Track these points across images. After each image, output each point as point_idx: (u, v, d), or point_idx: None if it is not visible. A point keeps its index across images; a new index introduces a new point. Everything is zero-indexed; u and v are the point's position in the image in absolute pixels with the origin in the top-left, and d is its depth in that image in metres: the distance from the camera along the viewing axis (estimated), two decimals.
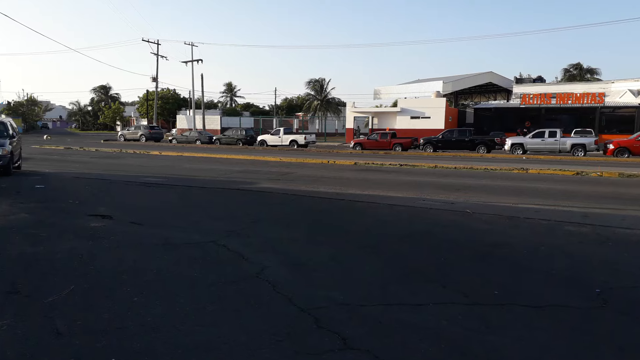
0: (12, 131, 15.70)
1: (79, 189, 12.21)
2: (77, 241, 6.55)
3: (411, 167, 21.09)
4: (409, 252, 6.25)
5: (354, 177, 17.18)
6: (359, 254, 6.09)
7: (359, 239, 6.98)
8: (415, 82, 61.65)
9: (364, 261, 5.74)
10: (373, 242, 6.78)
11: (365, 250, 6.26)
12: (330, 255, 5.89)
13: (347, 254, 6.04)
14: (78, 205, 9.76)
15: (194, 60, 52.96)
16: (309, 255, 5.92)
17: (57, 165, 19.73)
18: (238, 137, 41.40)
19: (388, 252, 6.24)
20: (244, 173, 18.00)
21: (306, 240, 6.81)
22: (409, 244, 6.78)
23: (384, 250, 6.30)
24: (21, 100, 76.68)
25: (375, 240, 6.91)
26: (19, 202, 9.95)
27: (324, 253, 6.06)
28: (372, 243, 6.70)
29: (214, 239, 6.74)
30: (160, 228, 7.62)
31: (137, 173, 17.38)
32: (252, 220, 8.34)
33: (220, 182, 14.73)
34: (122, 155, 26.38)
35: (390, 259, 5.84)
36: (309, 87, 64.64)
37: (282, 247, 6.35)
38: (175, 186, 13.27)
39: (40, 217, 8.34)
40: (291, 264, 5.50)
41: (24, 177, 14.73)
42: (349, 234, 7.30)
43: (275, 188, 13.22)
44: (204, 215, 8.89)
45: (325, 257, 5.82)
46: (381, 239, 6.96)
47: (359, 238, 7.03)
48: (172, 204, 10.19)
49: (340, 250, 6.25)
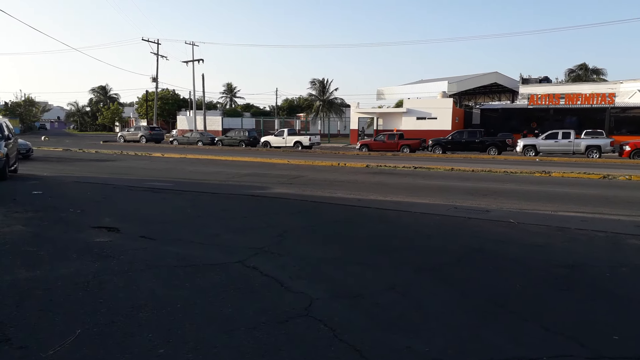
0: (7, 132, 14.71)
1: (80, 195, 11.23)
2: (81, 262, 5.58)
3: (426, 170, 20.17)
4: (475, 277, 5.28)
5: (369, 180, 16.26)
6: (419, 280, 5.12)
7: (409, 258, 6.02)
8: (418, 83, 60.80)
9: (430, 290, 4.78)
10: (427, 262, 5.82)
11: (424, 274, 5.30)
12: (386, 283, 4.92)
13: (405, 281, 5.08)
14: (80, 215, 8.78)
15: (194, 60, 51.98)
16: (361, 282, 4.95)
17: (55, 168, 18.75)
18: (241, 139, 40.40)
19: (451, 277, 5.28)
20: (253, 176, 17.06)
21: (349, 261, 5.84)
22: (469, 265, 5.82)
23: (445, 275, 5.34)
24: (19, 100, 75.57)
25: (429, 260, 5.94)
26: (15, 211, 8.97)
27: (377, 279, 5.10)
28: (426, 264, 5.74)
29: (241, 259, 5.78)
30: (176, 244, 6.65)
31: (140, 177, 16.41)
32: (277, 233, 7.37)
33: (231, 187, 13.78)
34: (123, 157, 25.39)
35: (458, 287, 4.88)
36: (311, 87, 63.60)
37: (324, 271, 5.38)
38: (183, 192, 12.29)
39: (37, 230, 7.37)
40: (343, 296, 4.52)
41: (20, 181, 13.74)
42: (394, 253, 6.34)
43: (291, 194, 12.28)
44: (222, 227, 7.92)
45: (381, 285, 4.85)
46: (435, 259, 6.00)
47: (408, 257, 6.07)
48: (183, 213, 9.22)
49: (395, 274, 5.28)
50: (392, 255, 6.19)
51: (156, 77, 53.74)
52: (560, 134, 30.01)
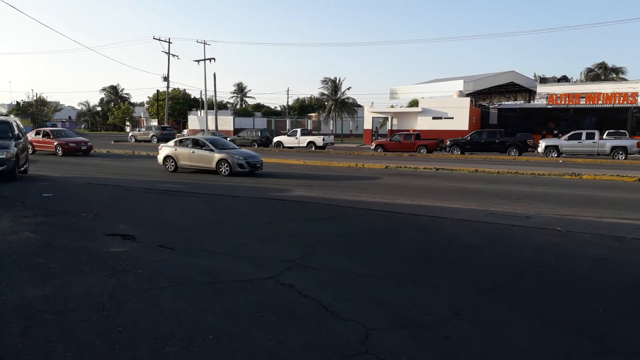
0: (17, 132, 14.19)
1: (92, 198, 10.64)
2: (96, 277, 4.95)
3: (449, 172, 19.41)
4: (548, 300, 4.56)
5: (391, 182, 15.55)
6: (485, 303, 4.42)
7: (465, 275, 5.31)
8: (432, 82, 59.86)
9: (504, 318, 4.06)
10: (487, 280, 5.10)
11: (489, 296, 4.60)
12: (449, 308, 4.22)
13: (470, 304, 4.37)
14: (93, 220, 8.18)
15: (206, 59, 51.48)
16: (419, 306, 4.26)
17: (66, 168, 18.24)
18: (253, 139, 39.78)
19: (521, 299, 4.56)
20: (270, 177, 16.41)
21: (397, 279, 5.15)
22: (535, 284, 5.10)
23: (513, 297, 4.62)
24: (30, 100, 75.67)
25: (488, 277, 5.23)
26: (24, 215, 8.39)
27: (437, 302, 4.40)
28: (487, 283, 5.02)
29: (273, 274, 5.11)
30: (199, 255, 6.00)
31: (153, 178, 15.83)
32: (308, 243, 6.70)
33: (249, 189, 13.14)
34: (134, 158, 24.88)
35: (535, 314, 4.17)
36: (323, 87, 62.87)
37: (372, 290, 4.69)
38: (200, 194, 11.67)
39: (47, 238, 6.76)
40: (404, 325, 3.83)
41: (30, 183, 13.21)
42: (445, 267, 5.63)
43: (313, 197, 11.62)
44: (246, 235, 7.26)
45: (444, 310, 4.16)
46: (494, 276, 5.28)
47: (463, 274, 5.36)
48: (203, 218, 8.58)
49: (455, 296, 4.58)
50: (443, 270, 5.49)
51: (167, 76, 53.36)
52: (584, 135, 29.01)
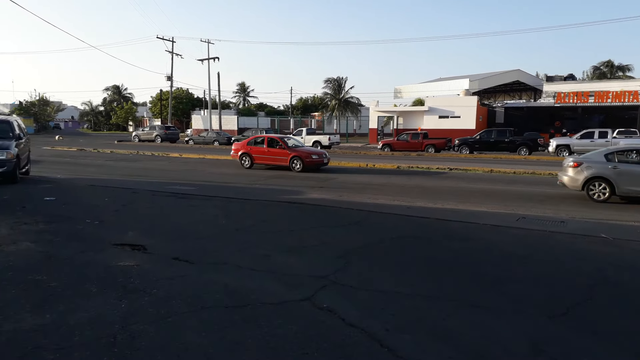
0: (18, 131, 13.54)
1: (98, 202, 9.99)
2: (104, 300, 4.29)
3: (463, 172, 18.75)
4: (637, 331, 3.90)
5: (407, 183, 14.89)
6: (568, 335, 3.72)
7: (525, 295, 4.63)
8: (437, 81, 59.13)
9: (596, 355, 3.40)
10: (553, 302, 4.43)
11: (568, 324, 3.92)
12: (526, 340, 3.54)
13: (551, 338, 3.67)
14: (98, 228, 7.53)
15: (210, 58, 50.84)
16: (492, 339, 3.58)
17: (69, 169, 17.61)
18: None
19: (605, 328, 3.89)
20: (279, 179, 15.78)
21: (451, 300, 4.47)
22: (611, 307, 4.42)
23: (594, 324, 3.95)
24: (33, 100, 75.09)
25: (553, 298, 4.55)
26: (24, 222, 7.74)
27: (509, 332, 3.72)
28: (555, 305, 4.34)
29: (308, 294, 4.46)
30: (220, 270, 5.34)
31: (160, 179, 15.19)
32: (337, 254, 6.04)
33: (261, 192, 12.50)
34: (139, 158, 24.24)
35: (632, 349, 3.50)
36: (326, 86, 62.22)
37: (427, 317, 4.02)
38: (211, 197, 11.01)
39: (49, 249, 6.11)
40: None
41: (32, 185, 12.56)
42: (497, 285, 4.96)
43: (329, 200, 10.97)
44: (268, 244, 6.60)
45: (522, 344, 3.48)
46: (559, 296, 4.61)
47: (522, 293, 4.68)
48: (218, 225, 7.92)
49: (527, 323, 3.90)
50: (498, 288, 4.83)
51: (171, 75, 52.74)
52: (597, 133, 28.32)
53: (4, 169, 12.02)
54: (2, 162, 11.99)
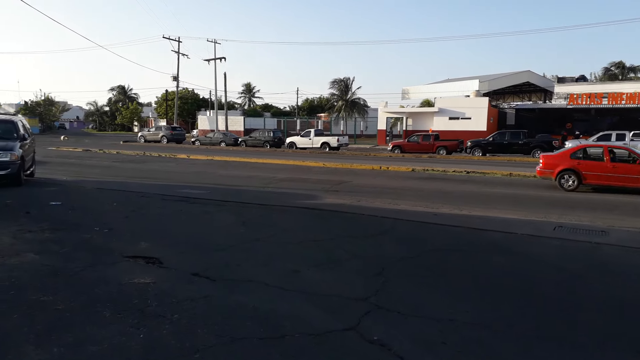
0: (23, 132, 13.03)
1: (106, 207, 9.44)
2: (118, 327, 3.72)
3: (481, 175, 18.13)
4: None
5: (424, 187, 14.31)
6: None
7: (604, 325, 4.02)
8: (445, 82, 58.45)
9: None
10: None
11: None
12: None
13: None
14: (108, 237, 6.97)
15: (216, 59, 50.34)
16: None
17: (75, 171, 17.10)
18: (265, 139, 38.58)
19: None
20: (291, 182, 15.21)
21: (519, 332, 3.87)
22: None
23: None
24: (38, 100, 74.87)
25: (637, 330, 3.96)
26: (28, 229, 7.20)
27: None
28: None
29: (352, 322, 3.87)
30: (244, 288, 4.77)
31: (169, 182, 14.65)
32: (373, 270, 5.45)
33: (275, 196, 11.93)
34: (146, 159, 23.72)
35: None
36: (333, 87, 61.62)
37: (500, 355, 3.43)
38: (225, 202, 10.45)
39: (55, 262, 5.55)
40: None
41: (36, 188, 12.03)
42: (565, 312, 4.36)
43: (350, 206, 10.38)
44: (294, 257, 6.02)
45: None
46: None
47: (599, 322, 4.08)
48: (237, 234, 7.35)
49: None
50: (569, 316, 4.22)
51: (177, 75, 52.29)
52: (614, 136, 27.69)
53: (7, 171, 11.50)
54: (6, 164, 11.47)
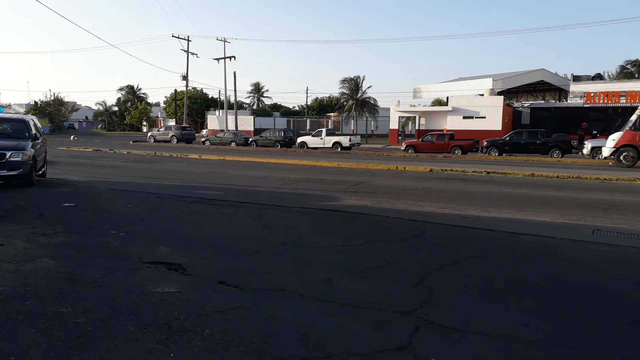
0: (35, 131, 12.76)
1: (120, 209, 9.11)
2: (145, 344, 3.35)
3: (502, 176, 17.63)
4: None
5: (446, 188, 13.86)
6: None
7: None
8: (458, 80, 57.82)
9: None
10: None
11: None
12: None
13: None
14: (125, 240, 6.62)
15: (226, 57, 50.11)
16: None
17: (86, 171, 16.84)
18: (276, 139, 38.27)
19: None
20: (307, 182, 14.82)
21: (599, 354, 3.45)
22: None
23: None
24: (48, 100, 75.12)
25: None
26: (42, 232, 6.86)
27: None
28: None
29: (403, 341, 3.47)
30: (277, 299, 4.38)
31: (183, 182, 14.33)
32: (413, 279, 5.04)
33: (293, 197, 11.56)
34: (157, 159, 23.45)
35: None
36: (343, 86, 61.22)
37: None
38: (242, 204, 10.09)
39: (71, 268, 5.20)
40: None
41: (49, 188, 11.74)
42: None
43: (372, 208, 9.99)
44: (324, 263, 5.62)
45: None
46: None
47: None
48: (259, 238, 6.97)
49: None
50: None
51: (186, 75, 52.17)
52: None
53: (19, 171, 11.22)
54: (18, 164, 11.19)
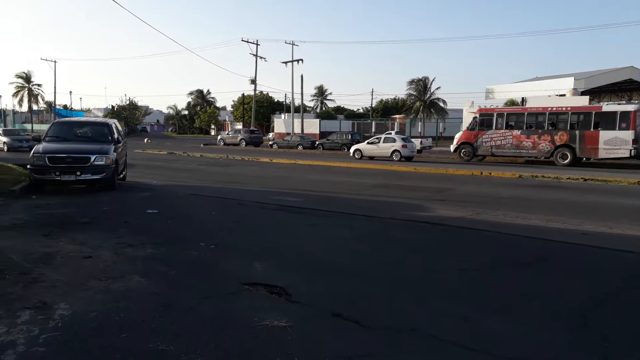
0: (117, 135, 12.75)
1: (204, 217, 8.66)
2: None
3: (603, 183, 15.88)
4: None
5: (545, 197, 12.53)
6: None
7: None
8: (533, 80, 54.49)
9: None
10: None
11: None
12: None
13: None
14: (216, 254, 6.06)
15: (294, 61, 50.10)
16: None
17: (163, 174, 16.86)
18: (343, 142, 37.46)
19: None
20: (385, 188, 13.94)
21: None
22: None
23: None
24: (123, 104, 78.95)
25: None
26: (128, 243, 6.46)
27: None
28: None
29: None
30: (412, 343, 3.55)
31: (260, 187, 13.90)
32: (567, 318, 4.06)
33: (377, 205, 10.75)
34: (230, 162, 23.40)
35: None
36: (411, 87, 59.56)
37: None
38: (328, 213, 9.37)
39: (164, 290, 4.65)
40: None
41: (129, 193, 11.62)
42: None
43: (468, 219, 8.97)
44: (449, 293, 4.73)
45: None
46: None
47: None
48: (357, 254, 6.19)
49: None
50: None
51: (254, 79, 52.67)
52: None
53: (102, 175, 11.16)
54: (101, 167, 11.13)
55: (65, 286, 4.69)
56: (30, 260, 5.53)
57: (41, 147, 11.13)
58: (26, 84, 78.13)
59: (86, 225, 7.58)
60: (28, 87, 78.33)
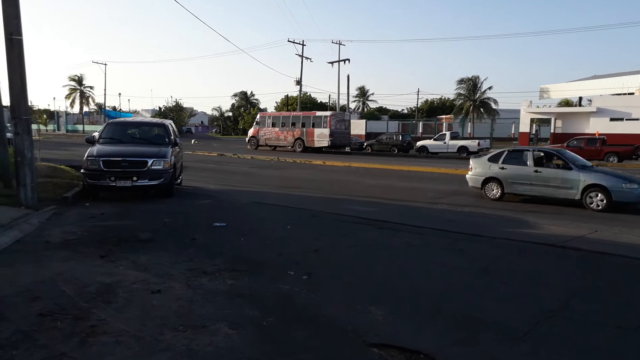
0: (174, 136, 11.74)
1: (281, 233, 7.41)
2: None
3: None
4: None
5: None
6: None
7: None
8: (591, 79, 51.15)
9: None
10: None
11: None
12: None
13: None
14: (314, 289, 4.76)
15: (340, 60, 48.81)
16: None
17: (218, 178, 15.85)
18: (393, 143, 35.77)
19: None
20: (462, 196, 12.43)
21: None
22: None
23: None
24: (169, 105, 79.65)
25: None
26: (201, 270, 5.27)
27: None
28: None
29: None
30: None
31: (322, 193, 12.67)
32: None
33: (469, 218, 9.27)
34: (282, 165, 22.28)
35: None
36: (460, 87, 57.15)
37: None
38: (418, 228, 7.97)
39: (271, 349, 3.39)
40: None
41: (189, 200, 10.54)
42: None
43: (594, 240, 7.36)
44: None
45: None
46: None
47: None
48: (503, 296, 4.77)
49: None
50: None
51: (300, 79, 51.71)
52: None
53: (160, 180, 10.14)
54: (159, 172, 10.11)
55: (134, 342, 3.50)
56: (86, 296, 4.41)
57: (95, 149, 10.20)
58: (78, 86, 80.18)
59: (148, 243, 6.47)
60: (80, 90, 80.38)
